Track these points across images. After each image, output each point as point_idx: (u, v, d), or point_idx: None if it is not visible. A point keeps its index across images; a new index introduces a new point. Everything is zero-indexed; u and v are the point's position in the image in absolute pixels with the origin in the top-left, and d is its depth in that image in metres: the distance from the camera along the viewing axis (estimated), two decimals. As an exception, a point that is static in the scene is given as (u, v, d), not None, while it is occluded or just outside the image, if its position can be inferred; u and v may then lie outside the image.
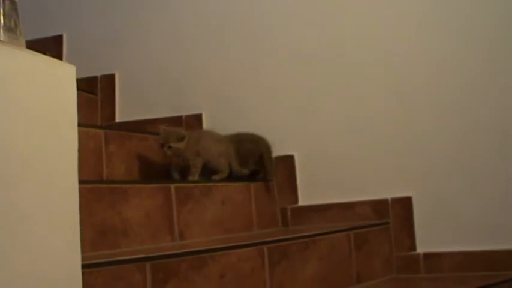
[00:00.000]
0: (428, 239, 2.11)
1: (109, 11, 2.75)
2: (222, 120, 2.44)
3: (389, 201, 2.17)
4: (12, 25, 1.14)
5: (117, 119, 2.62)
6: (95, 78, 2.68)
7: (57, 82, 1.17)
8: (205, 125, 2.45)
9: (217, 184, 2.10)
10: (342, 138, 2.28)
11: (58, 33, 2.80)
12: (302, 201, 2.32)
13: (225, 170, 2.19)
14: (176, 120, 2.48)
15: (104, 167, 2.08)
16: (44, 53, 2.66)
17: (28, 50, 1.12)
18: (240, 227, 2.14)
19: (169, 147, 2.11)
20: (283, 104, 2.37)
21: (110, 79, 2.67)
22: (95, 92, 2.66)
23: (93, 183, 1.71)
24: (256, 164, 2.27)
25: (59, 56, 2.73)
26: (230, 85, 2.47)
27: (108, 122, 2.62)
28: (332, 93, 2.31)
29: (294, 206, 2.31)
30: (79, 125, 2.01)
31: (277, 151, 2.34)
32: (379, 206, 2.19)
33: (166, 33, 2.62)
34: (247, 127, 2.35)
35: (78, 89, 1.79)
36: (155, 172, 2.24)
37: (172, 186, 1.92)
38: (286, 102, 2.37)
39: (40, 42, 2.73)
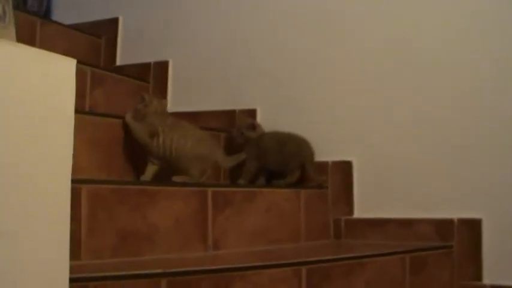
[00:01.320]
0: (498, 269, 1.85)
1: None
2: (276, 117, 2.25)
3: (455, 221, 1.92)
4: (0, 12, 0.98)
5: (171, 109, 2.47)
6: (148, 64, 2.54)
7: (52, 78, 1.01)
8: (259, 121, 2.26)
9: (263, 190, 1.91)
10: (407, 146, 2.04)
11: (114, 15, 2.69)
12: (358, 213, 2.10)
13: (195, 174, 1.85)
14: (229, 115, 2.31)
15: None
16: (99, 36, 2.55)
17: (17, 43, 0.97)
18: (286, 237, 1.95)
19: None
20: (344, 104, 2.15)
21: (163, 66, 2.52)
22: (147, 80, 2.52)
23: (117, 183, 1.57)
24: (299, 168, 2.09)
25: (114, 38, 2.63)
26: (288, 81, 2.26)
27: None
28: (398, 94, 2.07)
29: (349, 217, 2.10)
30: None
31: (334, 155, 2.13)
32: (443, 227, 1.94)
33: (225, 22, 2.44)
34: (303, 126, 2.16)
35: (129, 76, 1.64)
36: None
37: (210, 190, 1.75)
38: (347, 102, 2.15)
39: (96, 24, 2.64)
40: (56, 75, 1.00)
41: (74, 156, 1.58)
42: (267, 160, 2.07)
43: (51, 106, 0.98)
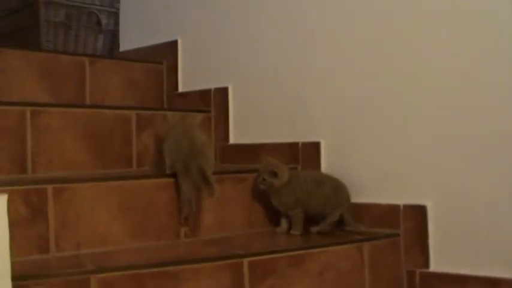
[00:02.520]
0: None
1: (228, 16, 2.38)
2: (342, 152, 1.99)
3: (554, 287, 1.59)
4: None
5: (231, 141, 2.30)
6: (208, 91, 2.37)
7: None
8: (324, 154, 2.02)
9: (313, 251, 1.67)
10: (492, 189, 1.70)
11: (173, 38, 2.53)
12: (434, 266, 1.80)
13: (168, 165, 1.78)
14: (292, 148, 2.08)
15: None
16: (160, 62, 2.43)
17: None
18: (346, 300, 1.72)
19: None
20: (417, 140, 1.83)
21: (223, 93, 2.33)
22: (208, 109, 2.34)
23: (132, 268, 1.42)
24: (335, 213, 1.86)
25: (174, 63, 2.49)
26: (356, 114, 1.96)
27: (223, 144, 2.32)
28: (486, 125, 1.72)
29: (424, 270, 1.81)
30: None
31: (406, 198, 1.84)
32: (538, 292, 1.61)
33: (289, 47, 2.16)
34: (371, 164, 1.91)
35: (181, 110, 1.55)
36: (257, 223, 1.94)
37: (245, 261, 1.56)
38: (420, 137, 1.83)
39: (156, 48, 2.52)
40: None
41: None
42: (309, 204, 1.86)
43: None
